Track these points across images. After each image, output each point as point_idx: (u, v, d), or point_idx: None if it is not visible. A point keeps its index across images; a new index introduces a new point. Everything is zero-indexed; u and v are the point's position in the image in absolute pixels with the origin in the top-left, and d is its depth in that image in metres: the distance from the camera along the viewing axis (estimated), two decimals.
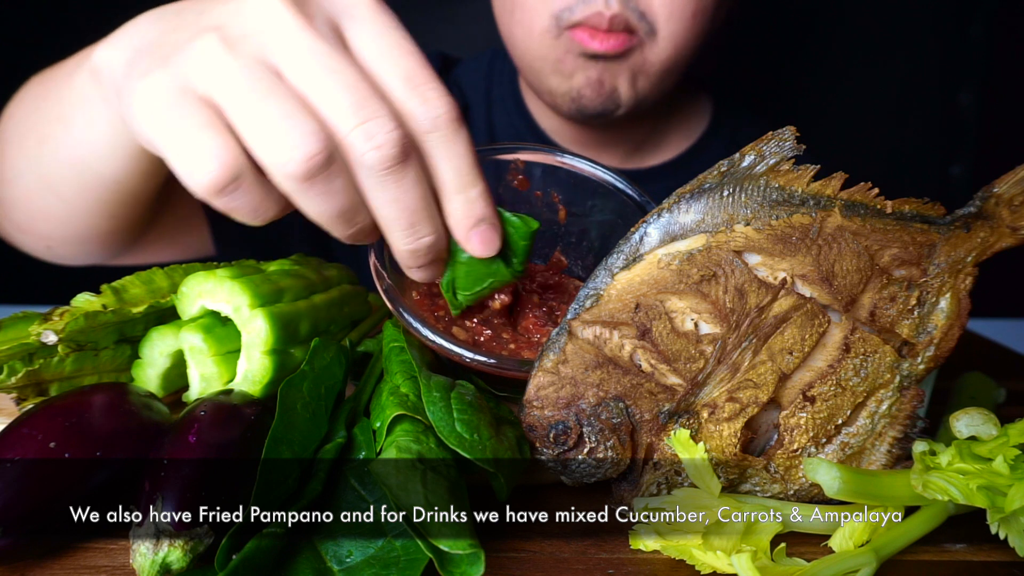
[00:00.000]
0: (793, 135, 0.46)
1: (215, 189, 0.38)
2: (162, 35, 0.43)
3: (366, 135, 0.38)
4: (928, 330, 0.46)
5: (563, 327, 0.45)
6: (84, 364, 0.49)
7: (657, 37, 0.83)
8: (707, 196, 0.46)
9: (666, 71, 0.86)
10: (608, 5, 0.79)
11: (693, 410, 0.44)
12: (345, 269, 0.61)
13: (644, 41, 0.83)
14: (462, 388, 0.45)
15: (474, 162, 0.42)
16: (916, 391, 0.46)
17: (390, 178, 0.40)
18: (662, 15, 0.82)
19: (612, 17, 0.80)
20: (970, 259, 0.47)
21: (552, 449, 0.44)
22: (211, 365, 0.47)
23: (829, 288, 0.45)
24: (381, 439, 0.42)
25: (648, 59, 0.84)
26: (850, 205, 0.46)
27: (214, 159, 0.38)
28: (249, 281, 0.48)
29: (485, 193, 0.44)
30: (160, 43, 0.42)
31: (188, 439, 0.38)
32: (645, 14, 0.81)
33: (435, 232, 0.43)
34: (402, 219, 0.42)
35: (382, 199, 0.41)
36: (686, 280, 0.45)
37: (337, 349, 0.47)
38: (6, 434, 0.39)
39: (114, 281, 0.51)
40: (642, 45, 0.83)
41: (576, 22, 0.81)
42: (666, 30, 0.83)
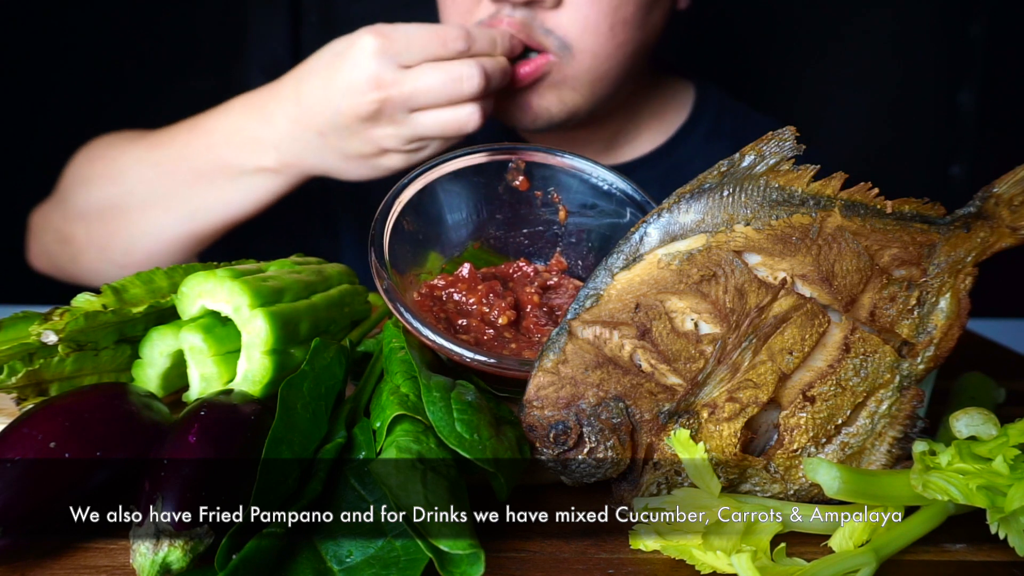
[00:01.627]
0: (793, 135, 0.46)
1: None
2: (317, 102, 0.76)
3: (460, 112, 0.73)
4: (928, 330, 0.46)
5: (563, 327, 0.45)
6: (84, 364, 0.49)
7: (574, 52, 0.81)
8: (707, 196, 0.46)
9: (595, 81, 0.85)
10: (511, 21, 0.78)
11: (693, 410, 0.44)
12: (345, 269, 0.61)
13: (560, 57, 0.81)
14: (462, 388, 0.45)
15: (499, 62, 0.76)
16: (916, 391, 0.46)
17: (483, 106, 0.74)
18: (573, 31, 0.80)
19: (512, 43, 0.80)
20: (970, 259, 0.47)
21: (552, 449, 0.44)
22: (211, 365, 0.47)
23: (829, 288, 0.45)
24: (381, 439, 0.42)
25: (570, 74, 0.83)
26: (850, 205, 0.46)
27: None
28: (249, 281, 0.48)
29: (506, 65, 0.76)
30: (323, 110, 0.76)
31: (188, 439, 0.38)
32: (554, 32, 0.80)
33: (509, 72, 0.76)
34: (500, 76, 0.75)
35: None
36: (686, 280, 0.45)
37: (337, 349, 0.47)
38: (6, 434, 0.39)
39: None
40: (560, 63, 0.82)
41: None
42: (582, 45, 0.81)
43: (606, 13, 0.81)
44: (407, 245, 0.56)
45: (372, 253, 0.52)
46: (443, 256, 0.61)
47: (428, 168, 0.58)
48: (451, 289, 0.56)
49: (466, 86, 0.72)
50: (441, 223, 0.60)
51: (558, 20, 0.80)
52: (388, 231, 0.54)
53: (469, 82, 0.71)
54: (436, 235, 0.60)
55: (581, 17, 0.80)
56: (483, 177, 0.61)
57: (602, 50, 0.83)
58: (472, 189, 0.61)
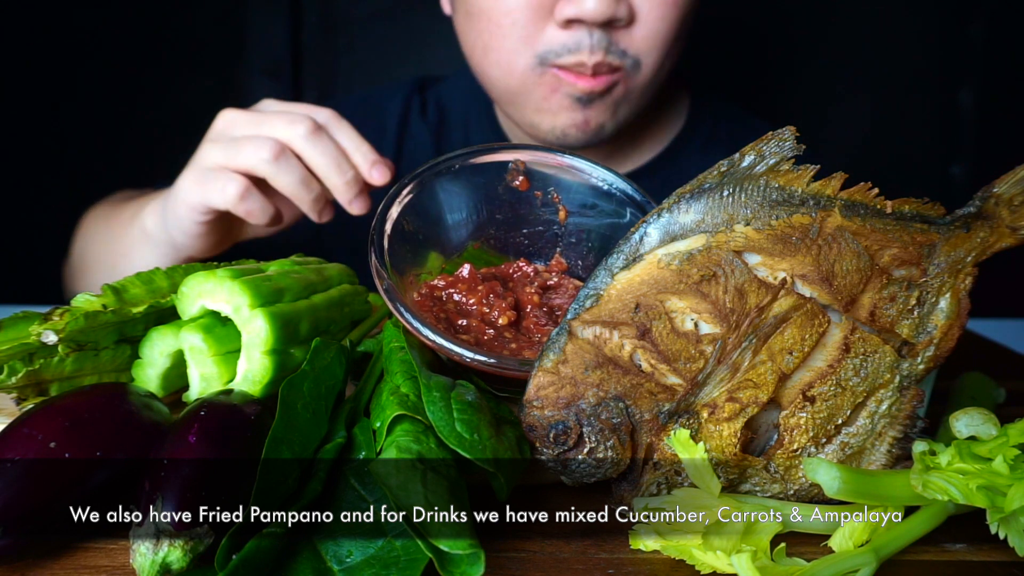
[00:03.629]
0: (793, 135, 0.46)
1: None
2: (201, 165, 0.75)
3: (290, 122, 0.70)
4: (928, 330, 0.46)
5: (563, 327, 0.45)
6: (84, 364, 0.49)
7: (641, 68, 0.82)
8: (707, 196, 0.46)
9: (647, 94, 0.86)
10: (592, 53, 0.79)
11: (693, 410, 0.44)
12: (345, 269, 0.61)
13: (629, 74, 0.82)
14: (462, 388, 0.45)
15: (358, 134, 0.72)
16: (916, 391, 0.46)
17: (314, 138, 0.70)
18: (644, 48, 0.81)
19: (596, 65, 0.79)
20: (970, 259, 0.47)
21: (552, 449, 0.44)
22: (211, 365, 0.47)
23: (829, 288, 0.45)
24: (381, 439, 0.42)
25: (631, 88, 0.84)
26: (850, 205, 0.46)
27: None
28: (249, 281, 0.48)
29: (372, 149, 0.72)
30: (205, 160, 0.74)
31: (188, 439, 0.38)
32: (627, 51, 0.80)
33: (354, 169, 0.72)
34: (331, 162, 0.70)
35: (315, 154, 0.70)
36: (686, 280, 0.45)
37: (337, 349, 0.47)
38: (6, 434, 0.39)
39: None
40: (627, 77, 0.82)
41: (560, 65, 0.81)
42: (648, 59, 0.82)
43: (673, 26, 0.81)
44: (407, 245, 0.56)
45: (372, 253, 0.52)
46: (443, 256, 0.61)
47: (428, 168, 0.58)
48: (451, 289, 0.56)
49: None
50: (441, 223, 0.60)
51: (631, 39, 0.80)
52: (388, 231, 0.54)
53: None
54: (436, 235, 0.60)
55: (653, 33, 0.80)
56: (483, 177, 0.61)
57: (662, 63, 0.83)
58: (472, 189, 0.61)
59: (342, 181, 0.71)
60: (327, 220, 0.75)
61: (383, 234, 0.53)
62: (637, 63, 0.81)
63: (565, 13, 0.77)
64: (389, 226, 0.54)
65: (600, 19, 0.76)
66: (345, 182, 0.71)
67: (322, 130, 0.71)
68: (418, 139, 1.05)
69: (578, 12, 0.76)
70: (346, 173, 0.71)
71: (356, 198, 0.72)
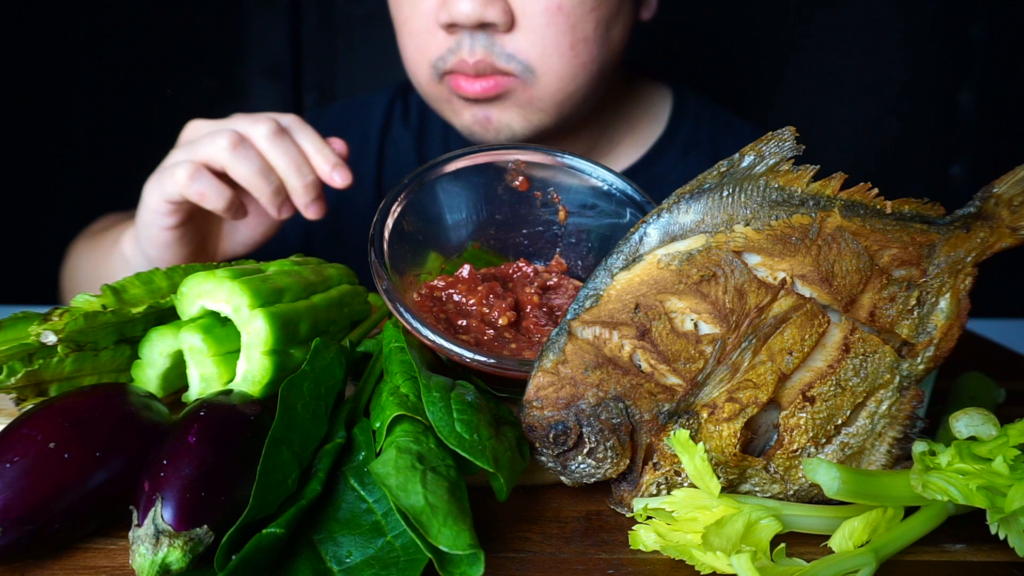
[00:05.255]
0: (792, 135, 0.46)
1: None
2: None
3: (253, 121, 0.71)
4: (928, 330, 0.46)
5: (563, 327, 0.45)
6: (84, 364, 0.49)
7: (537, 74, 0.82)
8: (707, 196, 0.46)
9: (562, 101, 0.85)
10: (472, 52, 0.80)
11: (693, 410, 0.44)
12: (345, 269, 0.61)
13: (525, 80, 0.82)
14: (462, 388, 0.45)
15: (321, 139, 0.72)
16: (916, 391, 0.46)
17: (276, 138, 0.70)
18: (534, 54, 0.80)
19: (476, 63, 0.80)
20: (970, 259, 0.47)
21: (552, 449, 0.44)
22: (211, 365, 0.47)
23: (829, 288, 0.45)
24: (381, 439, 0.42)
25: (535, 95, 0.83)
26: (850, 205, 0.46)
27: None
28: (249, 281, 0.48)
29: (334, 153, 0.72)
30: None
31: (188, 439, 0.38)
32: (515, 56, 0.80)
33: (313, 174, 0.72)
34: (291, 163, 0.70)
35: (276, 154, 0.70)
36: (686, 280, 0.45)
37: (337, 349, 0.47)
38: (6, 434, 0.39)
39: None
40: (524, 84, 0.82)
41: (449, 70, 0.82)
42: (544, 67, 0.81)
43: (564, 33, 0.81)
44: (407, 245, 0.56)
45: (372, 253, 0.52)
46: (443, 256, 0.61)
47: (428, 168, 0.58)
48: (451, 290, 0.56)
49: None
50: (441, 223, 0.60)
51: (517, 44, 0.80)
52: (388, 231, 0.54)
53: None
54: (436, 235, 0.60)
55: (539, 39, 0.80)
56: (483, 177, 0.61)
57: (566, 71, 0.83)
58: (472, 189, 0.61)
59: (301, 184, 0.71)
60: (286, 217, 0.74)
61: (383, 234, 0.53)
62: (529, 69, 0.81)
63: (441, 18, 0.80)
64: (389, 226, 0.54)
65: (471, 21, 0.78)
66: (304, 185, 0.71)
67: (285, 132, 0.71)
68: (400, 145, 1.06)
69: (450, 16, 0.78)
70: (306, 176, 0.71)
71: (313, 203, 0.72)
